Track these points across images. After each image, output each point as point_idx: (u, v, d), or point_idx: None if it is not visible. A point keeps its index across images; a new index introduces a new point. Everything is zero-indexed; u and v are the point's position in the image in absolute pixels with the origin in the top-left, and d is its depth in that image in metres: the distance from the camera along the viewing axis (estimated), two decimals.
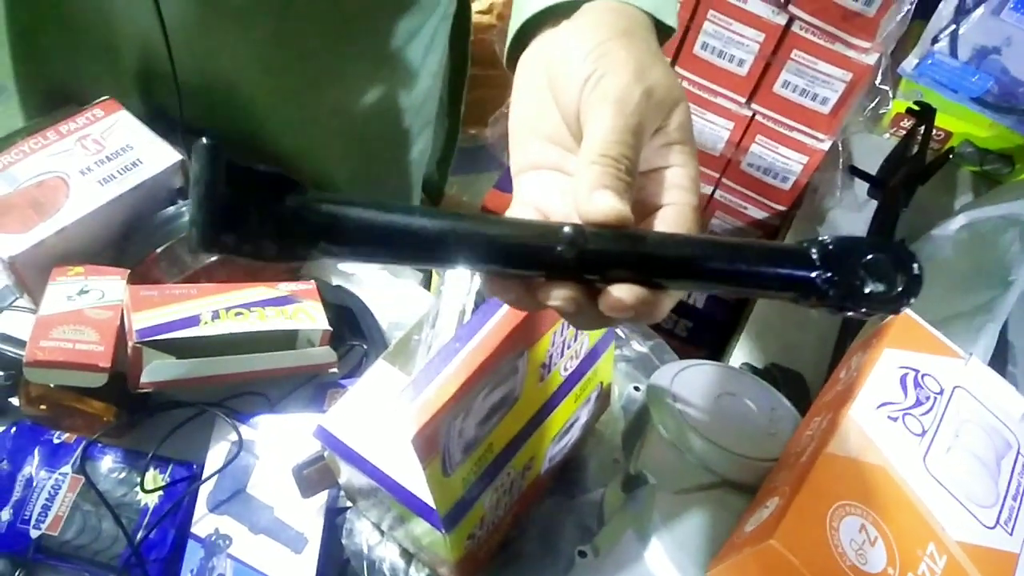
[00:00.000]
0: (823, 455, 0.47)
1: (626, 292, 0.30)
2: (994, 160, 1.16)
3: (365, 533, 0.56)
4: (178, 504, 0.55)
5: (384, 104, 0.76)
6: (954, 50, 1.00)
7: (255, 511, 0.55)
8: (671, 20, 0.39)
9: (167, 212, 0.65)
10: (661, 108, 0.35)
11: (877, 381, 0.52)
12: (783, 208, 1.20)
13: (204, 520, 0.55)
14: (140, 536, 0.54)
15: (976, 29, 0.98)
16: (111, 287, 0.59)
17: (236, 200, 0.26)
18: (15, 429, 0.57)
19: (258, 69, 0.69)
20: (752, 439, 0.57)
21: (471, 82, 0.92)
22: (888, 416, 0.50)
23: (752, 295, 0.62)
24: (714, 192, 1.23)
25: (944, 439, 0.50)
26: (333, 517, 0.56)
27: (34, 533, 0.53)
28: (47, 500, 0.54)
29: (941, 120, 1.10)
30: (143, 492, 0.55)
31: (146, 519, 0.54)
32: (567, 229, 0.30)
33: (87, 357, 0.54)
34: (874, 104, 1.10)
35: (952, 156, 1.13)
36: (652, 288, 0.31)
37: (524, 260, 0.31)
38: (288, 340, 0.61)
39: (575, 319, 0.33)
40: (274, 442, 0.58)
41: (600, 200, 0.31)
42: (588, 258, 0.30)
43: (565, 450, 0.57)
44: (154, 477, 0.57)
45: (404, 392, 0.39)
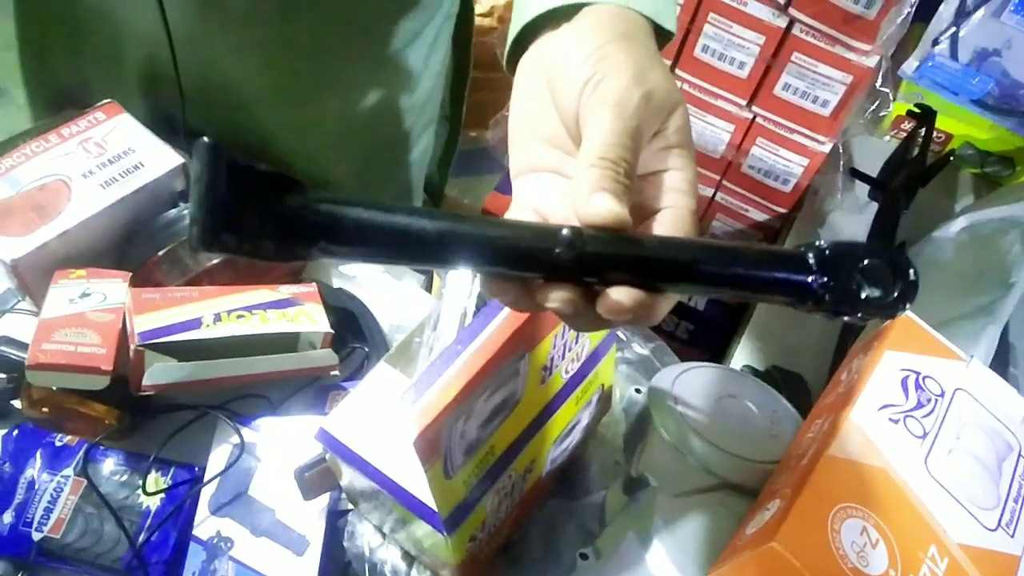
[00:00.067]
0: (824, 457, 0.47)
1: (624, 295, 0.30)
2: (995, 162, 1.16)
3: (367, 536, 0.56)
4: (180, 507, 0.55)
5: (386, 105, 0.76)
6: (955, 52, 1.00)
7: (257, 513, 0.55)
8: (670, 24, 0.39)
9: (169, 215, 0.65)
10: (660, 111, 0.35)
11: (878, 383, 0.52)
12: (784, 211, 1.20)
13: (206, 523, 0.55)
14: (142, 539, 0.54)
15: (976, 31, 0.98)
16: (113, 290, 0.59)
17: (237, 199, 0.26)
18: (17, 432, 0.57)
19: (260, 72, 0.69)
20: (753, 441, 0.57)
21: (471, 85, 0.92)
22: (889, 418, 0.50)
23: (749, 299, 0.62)
24: (715, 194, 1.23)
25: (945, 441, 0.50)
26: (335, 519, 0.56)
27: (36, 536, 0.53)
28: (49, 503, 0.54)
29: (942, 122, 1.10)
30: (145, 495, 0.56)
31: (148, 521, 0.55)
32: (565, 231, 0.30)
33: (89, 360, 0.54)
34: (875, 106, 1.10)
35: (953, 158, 1.13)
36: (650, 291, 0.31)
37: (522, 261, 0.31)
38: (290, 343, 0.61)
39: (573, 321, 0.33)
40: (276, 444, 0.58)
41: (598, 203, 0.31)
42: (586, 260, 0.30)
43: (566, 452, 0.57)
44: (156, 480, 0.57)
45: (406, 394, 0.39)
